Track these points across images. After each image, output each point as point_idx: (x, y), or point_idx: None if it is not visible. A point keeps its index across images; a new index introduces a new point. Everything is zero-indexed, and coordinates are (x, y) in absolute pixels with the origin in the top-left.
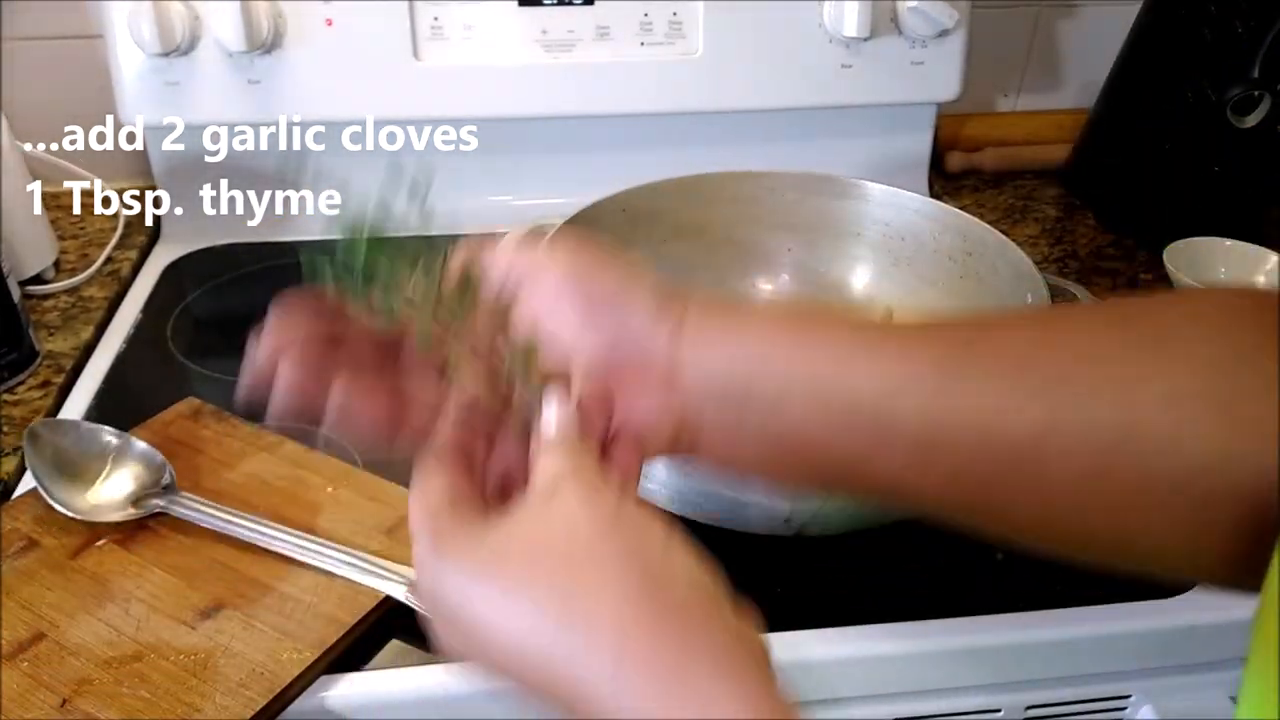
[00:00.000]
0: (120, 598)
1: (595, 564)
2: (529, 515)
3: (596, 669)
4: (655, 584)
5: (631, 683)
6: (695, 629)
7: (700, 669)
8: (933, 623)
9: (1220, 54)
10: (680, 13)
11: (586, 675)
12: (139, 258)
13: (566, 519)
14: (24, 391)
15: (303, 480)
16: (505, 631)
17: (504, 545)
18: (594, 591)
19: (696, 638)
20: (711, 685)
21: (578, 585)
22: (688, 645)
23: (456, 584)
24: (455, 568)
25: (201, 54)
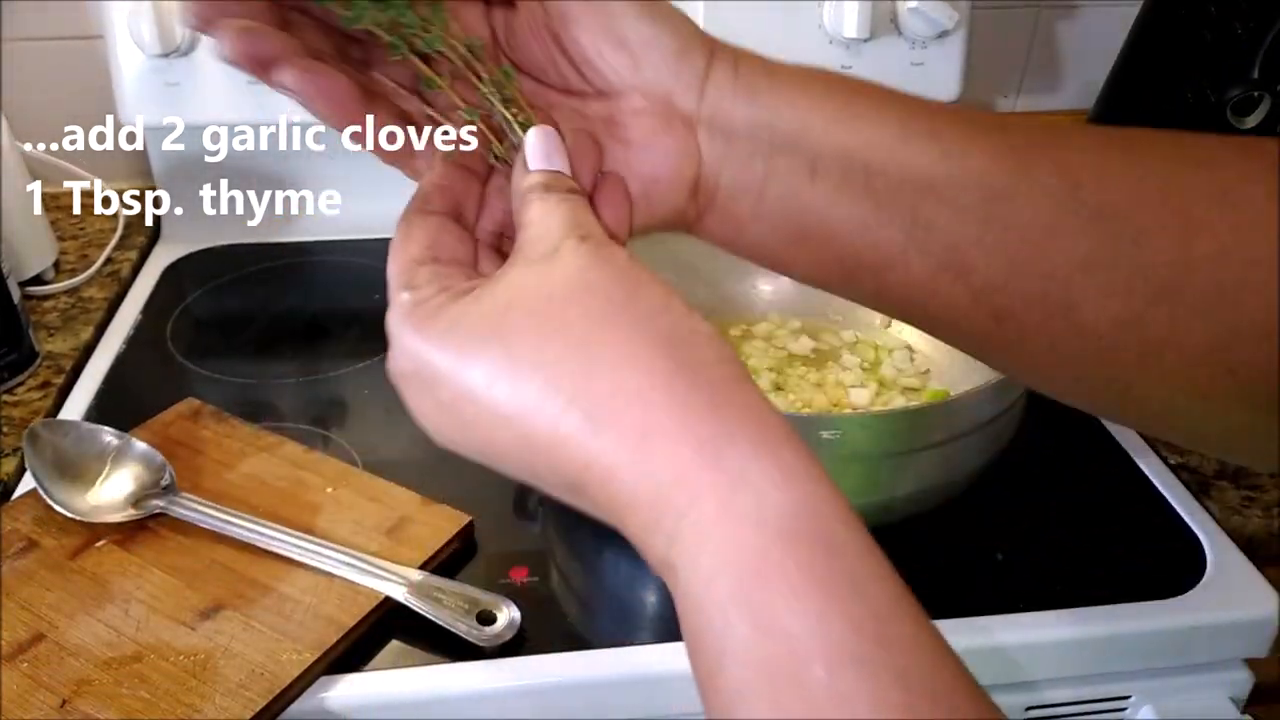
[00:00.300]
0: (120, 598)
1: (614, 332)
2: (528, 275)
3: (617, 447)
4: (683, 356)
5: (658, 460)
6: (726, 403)
7: (734, 444)
8: (932, 623)
9: (1220, 55)
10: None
11: (603, 454)
12: (139, 258)
13: (574, 281)
14: (24, 392)
15: (302, 481)
16: (506, 408)
17: (501, 311)
18: (615, 363)
19: (728, 412)
20: (746, 461)
21: (594, 357)
22: (721, 419)
23: (444, 354)
24: (441, 333)
25: (201, 54)
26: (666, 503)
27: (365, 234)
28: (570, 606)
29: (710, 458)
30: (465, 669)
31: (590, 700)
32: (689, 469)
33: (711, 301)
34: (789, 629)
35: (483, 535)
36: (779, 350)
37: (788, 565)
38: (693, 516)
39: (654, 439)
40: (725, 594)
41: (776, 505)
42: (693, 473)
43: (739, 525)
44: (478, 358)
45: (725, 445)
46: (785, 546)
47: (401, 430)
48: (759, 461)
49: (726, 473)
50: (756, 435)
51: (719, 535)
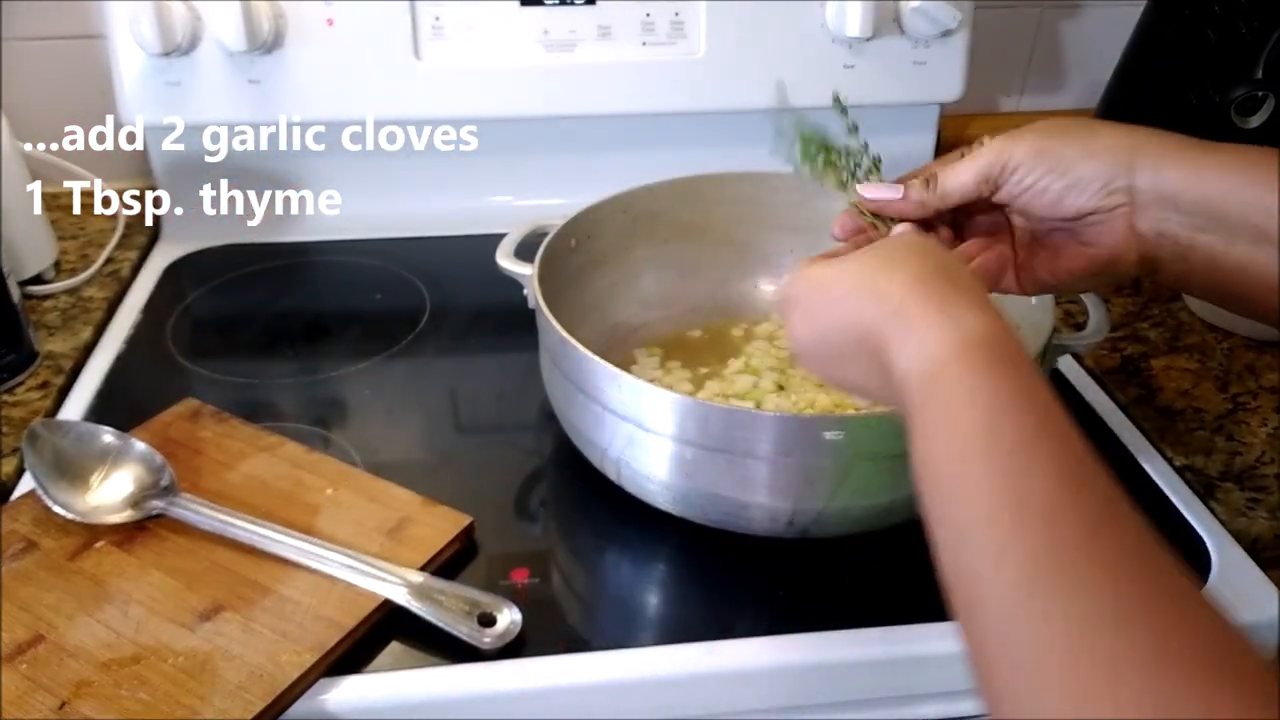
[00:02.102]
0: (119, 599)
1: (899, 258)
2: (878, 246)
3: (887, 308)
4: (938, 269)
5: (911, 310)
6: (958, 289)
7: (958, 305)
8: (935, 626)
9: (1224, 55)
10: (682, 13)
11: (879, 316)
12: (139, 258)
13: (894, 244)
14: (23, 392)
15: (302, 481)
16: (831, 302)
17: (849, 262)
18: (892, 272)
19: (958, 291)
20: (965, 311)
21: (882, 270)
22: (951, 294)
23: (808, 284)
24: (813, 274)
25: (202, 54)
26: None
27: (366, 234)
28: (571, 608)
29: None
30: (466, 671)
31: (591, 702)
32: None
33: (715, 301)
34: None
35: (483, 536)
36: (781, 350)
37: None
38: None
39: (909, 301)
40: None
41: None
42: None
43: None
44: (824, 284)
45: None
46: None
47: (402, 431)
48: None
49: (955, 314)
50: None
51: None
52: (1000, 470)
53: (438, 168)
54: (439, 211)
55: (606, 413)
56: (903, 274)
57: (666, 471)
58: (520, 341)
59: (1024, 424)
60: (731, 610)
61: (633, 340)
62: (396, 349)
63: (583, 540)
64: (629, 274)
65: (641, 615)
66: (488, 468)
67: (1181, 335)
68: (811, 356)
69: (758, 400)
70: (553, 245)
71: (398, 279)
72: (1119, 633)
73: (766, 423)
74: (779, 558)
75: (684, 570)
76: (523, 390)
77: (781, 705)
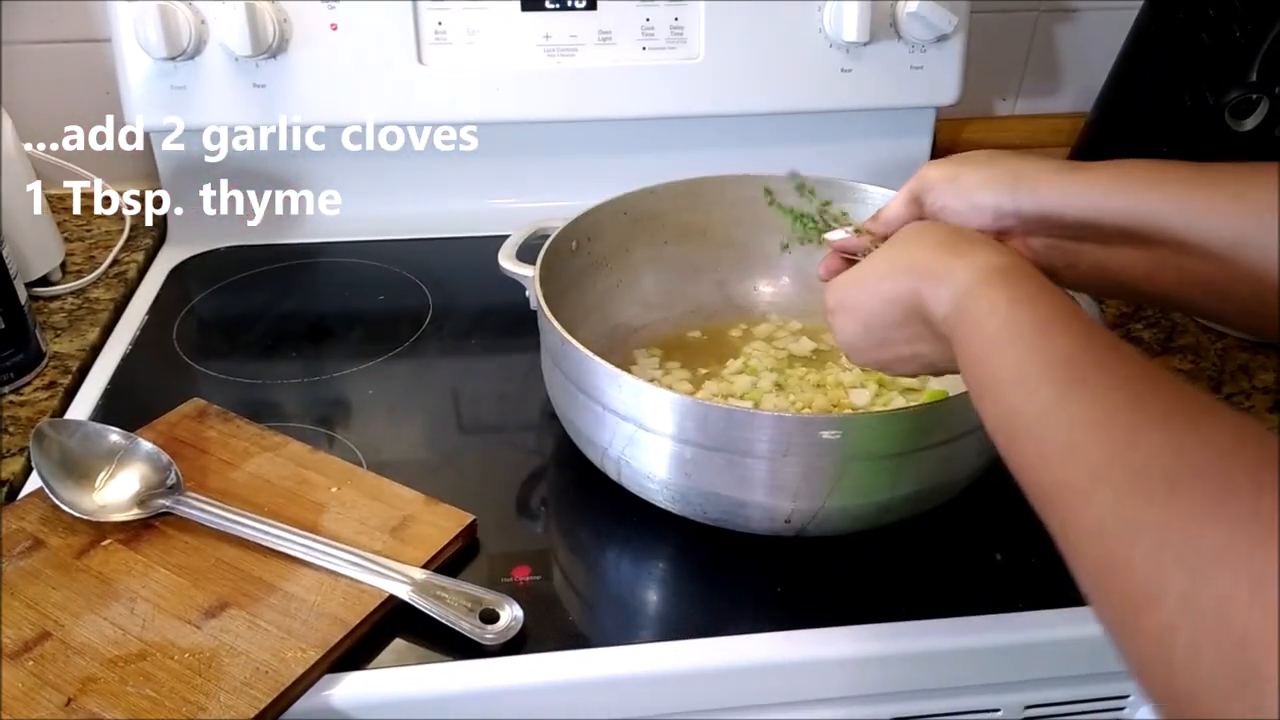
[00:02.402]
0: (125, 597)
1: (913, 237)
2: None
3: (916, 274)
4: (948, 233)
5: (936, 266)
6: (970, 241)
7: (973, 251)
8: (932, 622)
9: (1218, 57)
10: (682, 17)
11: (911, 283)
12: (145, 260)
13: (901, 233)
14: (30, 392)
15: (307, 480)
16: (869, 294)
17: (871, 258)
18: (910, 248)
19: (970, 243)
20: (981, 252)
21: (901, 250)
22: (965, 246)
23: (842, 288)
24: (843, 279)
25: (207, 58)
26: (944, 285)
27: (370, 236)
28: (572, 605)
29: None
30: (468, 667)
31: (591, 698)
32: (956, 265)
33: (714, 302)
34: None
35: (486, 534)
36: (779, 351)
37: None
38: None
39: (938, 256)
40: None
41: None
42: (957, 265)
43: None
44: (868, 271)
45: (968, 248)
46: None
47: (405, 431)
48: (989, 251)
49: (973, 254)
50: (994, 248)
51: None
52: (1029, 350)
53: (440, 170)
54: (442, 214)
55: (607, 412)
56: (919, 245)
57: (666, 470)
58: (521, 342)
59: (1036, 315)
60: (730, 607)
61: (633, 341)
62: (399, 349)
63: (583, 538)
64: (629, 275)
65: (641, 612)
66: (490, 467)
67: (1175, 336)
68: (861, 350)
69: (756, 400)
70: (554, 247)
71: (401, 280)
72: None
73: (765, 422)
74: (777, 556)
75: (683, 568)
76: (524, 390)
77: (780, 701)
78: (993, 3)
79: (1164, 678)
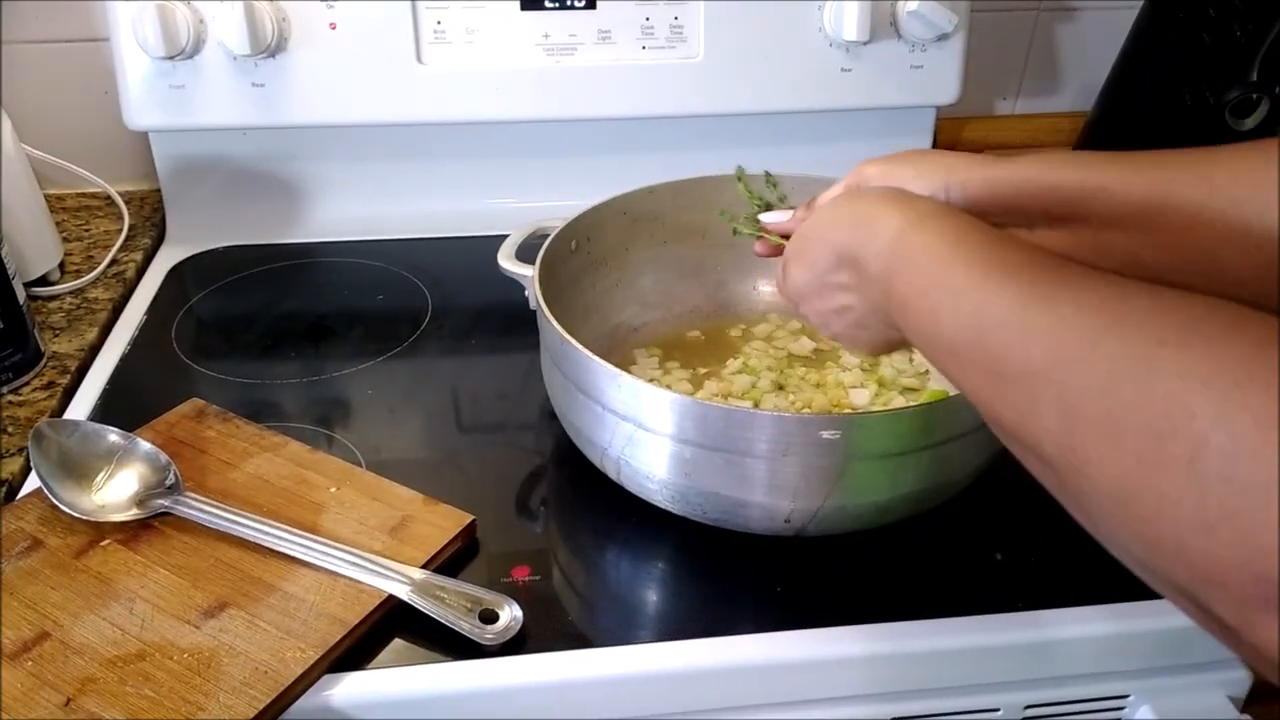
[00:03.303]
0: (124, 597)
1: (858, 196)
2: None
3: (855, 226)
4: (885, 192)
5: (870, 216)
6: (905, 196)
7: (904, 203)
8: (931, 622)
9: (1219, 57)
10: (681, 16)
11: (849, 234)
12: (144, 260)
13: (849, 192)
14: (29, 392)
15: (306, 480)
16: (815, 242)
17: (821, 212)
18: (853, 204)
19: (905, 198)
20: (911, 204)
21: (844, 206)
22: (898, 200)
23: (796, 240)
24: (805, 225)
25: (206, 57)
26: (876, 233)
27: (368, 235)
28: (572, 605)
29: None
30: (467, 667)
31: (591, 698)
32: (887, 214)
33: (714, 302)
34: None
35: (485, 534)
36: (779, 350)
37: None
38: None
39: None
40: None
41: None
42: (888, 214)
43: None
44: (815, 225)
45: (909, 203)
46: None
47: (404, 430)
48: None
49: (901, 209)
50: (920, 201)
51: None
52: (985, 261)
53: (439, 170)
54: (441, 213)
55: (606, 412)
56: (863, 198)
57: (666, 470)
58: (521, 342)
59: (986, 235)
60: (730, 607)
61: (632, 340)
62: (399, 349)
63: (583, 538)
64: (628, 275)
65: (641, 612)
66: (489, 467)
67: None
68: (806, 296)
69: (756, 400)
70: (553, 247)
71: (400, 280)
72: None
73: (764, 422)
74: (777, 555)
75: (683, 568)
76: (523, 390)
77: (780, 701)
78: (993, 2)
79: (1192, 505)
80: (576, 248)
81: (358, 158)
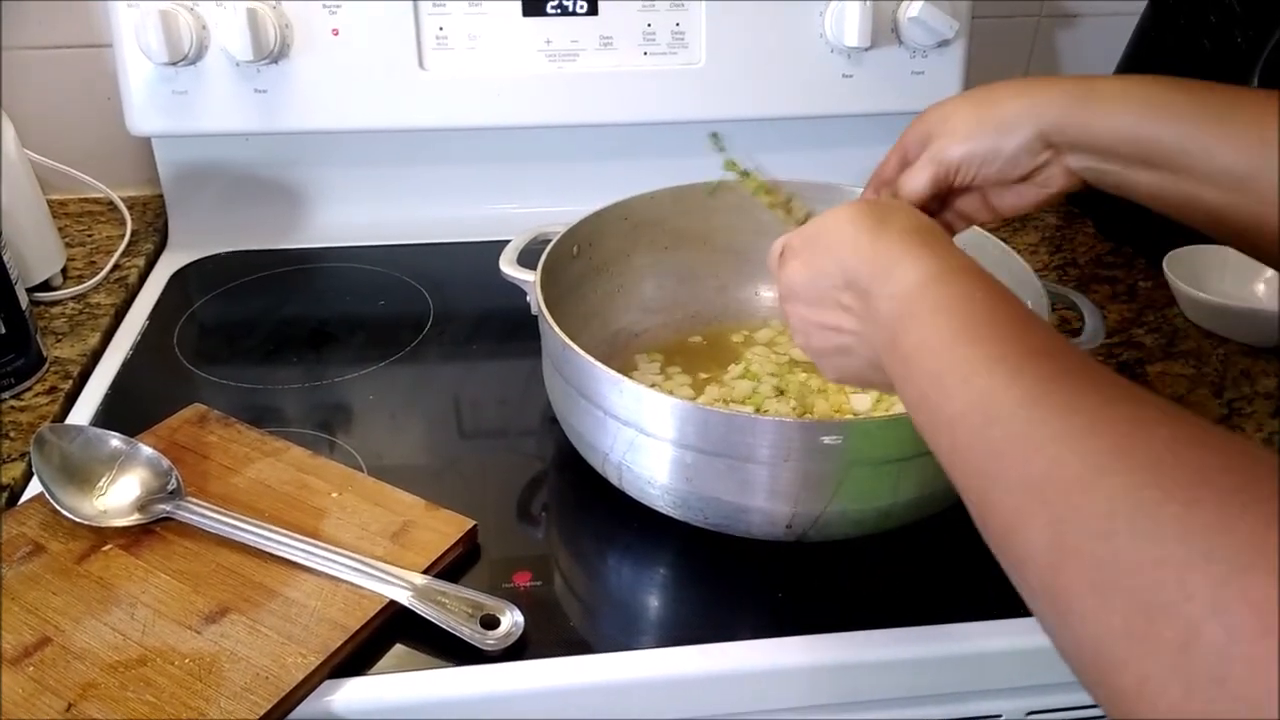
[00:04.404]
0: (126, 602)
1: (885, 216)
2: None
3: (872, 259)
4: (915, 226)
5: (890, 255)
6: (929, 239)
7: (928, 250)
8: (934, 628)
9: (1220, 63)
10: (683, 23)
11: (864, 265)
12: (146, 265)
13: (876, 205)
14: (31, 398)
15: (308, 485)
16: (824, 249)
17: (841, 214)
18: (878, 230)
19: (933, 242)
20: (938, 255)
21: (867, 228)
22: (923, 243)
23: (805, 235)
24: (808, 229)
25: (209, 63)
26: (893, 279)
27: (370, 241)
28: (573, 611)
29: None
30: (469, 673)
31: (593, 704)
32: (909, 264)
33: (715, 307)
34: None
35: (486, 540)
36: (781, 356)
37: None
38: (889, 288)
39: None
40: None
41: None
42: (910, 264)
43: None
44: (831, 230)
45: (938, 253)
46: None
47: (406, 436)
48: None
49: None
50: (920, 238)
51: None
52: (1003, 340)
53: (441, 175)
54: (442, 219)
55: (608, 417)
56: (887, 234)
57: (667, 475)
58: (522, 347)
59: (1012, 310)
60: (731, 613)
61: (634, 346)
62: (400, 355)
63: (584, 544)
64: (630, 280)
65: (642, 618)
66: (490, 472)
67: (1177, 341)
68: (799, 296)
69: (757, 405)
70: (555, 252)
71: (401, 285)
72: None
73: (766, 427)
74: (778, 561)
75: (684, 573)
76: (525, 395)
77: (781, 706)
78: (994, 7)
79: (1177, 698)
80: (578, 253)
81: (360, 163)
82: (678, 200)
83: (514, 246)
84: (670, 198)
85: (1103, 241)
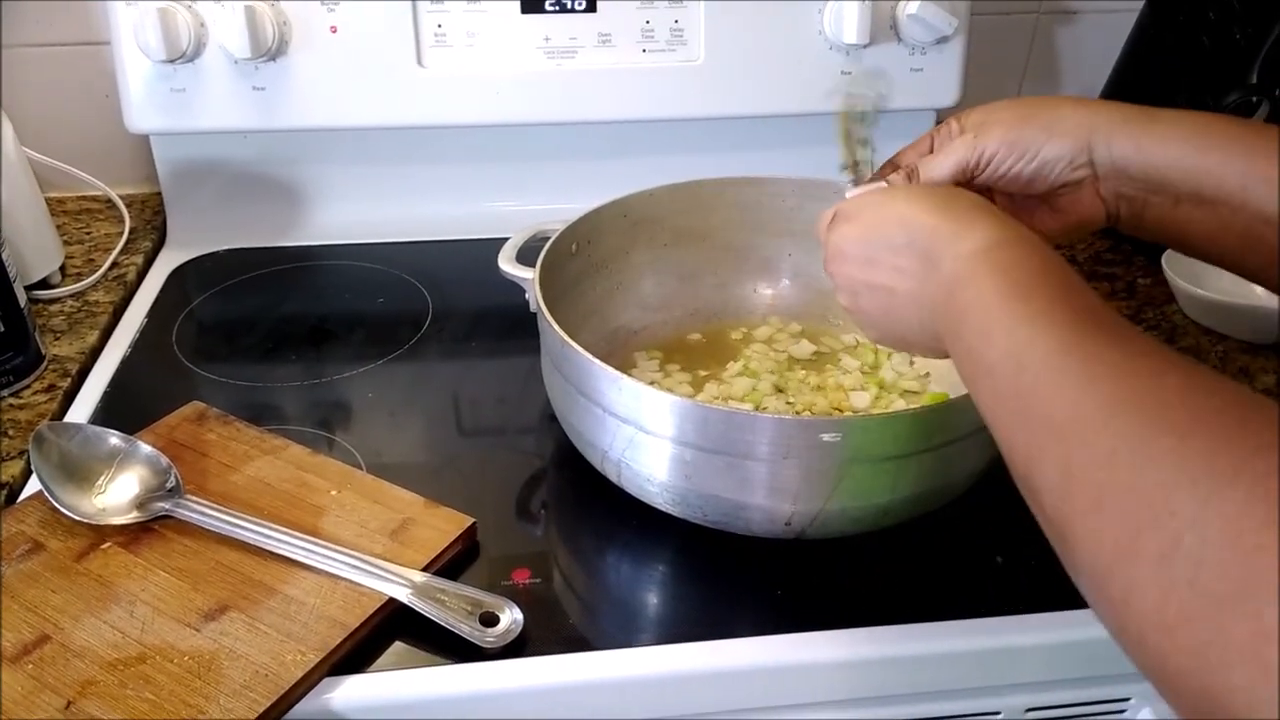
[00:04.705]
0: (125, 600)
1: (948, 191)
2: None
3: (941, 217)
4: (975, 200)
5: (960, 219)
6: (993, 213)
7: (995, 221)
8: (932, 625)
9: (1219, 60)
10: (681, 20)
11: (933, 223)
12: (144, 263)
13: (934, 186)
14: (30, 395)
15: (307, 483)
16: (888, 210)
17: (908, 188)
18: (956, 194)
19: (995, 215)
20: (1003, 225)
21: (938, 195)
22: (988, 215)
23: (866, 200)
24: (870, 195)
25: (207, 60)
26: (961, 239)
27: (369, 238)
28: (572, 608)
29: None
30: (468, 670)
31: (591, 701)
32: (992, 225)
33: (714, 305)
34: None
35: (485, 537)
36: (780, 353)
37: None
38: (954, 249)
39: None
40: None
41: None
42: (978, 226)
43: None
44: (904, 194)
45: (973, 217)
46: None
47: (405, 433)
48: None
49: (977, 226)
50: (994, 216)
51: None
52: (1051, 300)
53: (440, 173)
54: (441, 216)
55: (607, 415)
56: (960, 201)
57: (666, 473)
58: (521, 345)
59: (1067, 276)
60: (730, 610)
61: (633, 343)
62: (399, 352)
63: (583, 541)
64: (629, 278)
65: (641, 615)
66: (489, 470)
67: (1176, 338)
68: (851, 257)
69: (756, 403)
70: (554, 249)
71: (400, 283)
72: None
73: (765, 425)
74: (777, 558)
75: (683, 571)
76: (524, 393)
77: (780, 704)
78: (993, 4)
79: (1155, 601)
80: (577, 251)
81: (358, 161)
82: (677, 197)
83: (513, 244)
84: (669, 195)
85: (1101, 238)
